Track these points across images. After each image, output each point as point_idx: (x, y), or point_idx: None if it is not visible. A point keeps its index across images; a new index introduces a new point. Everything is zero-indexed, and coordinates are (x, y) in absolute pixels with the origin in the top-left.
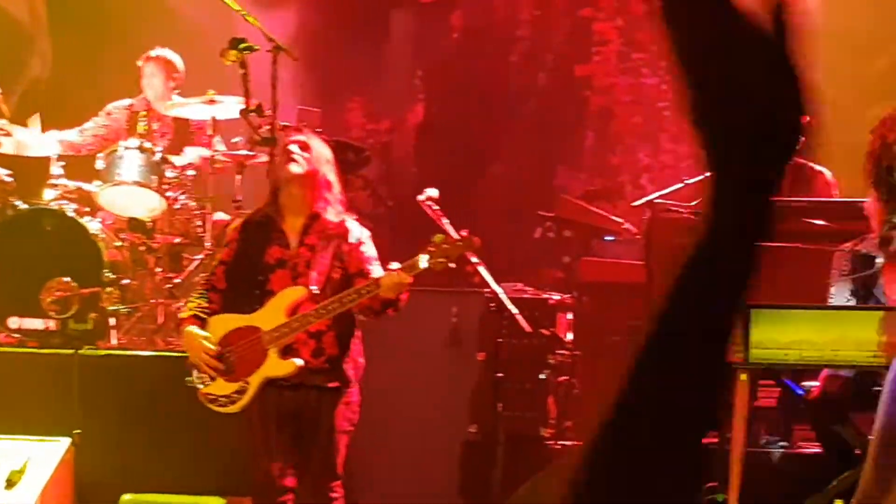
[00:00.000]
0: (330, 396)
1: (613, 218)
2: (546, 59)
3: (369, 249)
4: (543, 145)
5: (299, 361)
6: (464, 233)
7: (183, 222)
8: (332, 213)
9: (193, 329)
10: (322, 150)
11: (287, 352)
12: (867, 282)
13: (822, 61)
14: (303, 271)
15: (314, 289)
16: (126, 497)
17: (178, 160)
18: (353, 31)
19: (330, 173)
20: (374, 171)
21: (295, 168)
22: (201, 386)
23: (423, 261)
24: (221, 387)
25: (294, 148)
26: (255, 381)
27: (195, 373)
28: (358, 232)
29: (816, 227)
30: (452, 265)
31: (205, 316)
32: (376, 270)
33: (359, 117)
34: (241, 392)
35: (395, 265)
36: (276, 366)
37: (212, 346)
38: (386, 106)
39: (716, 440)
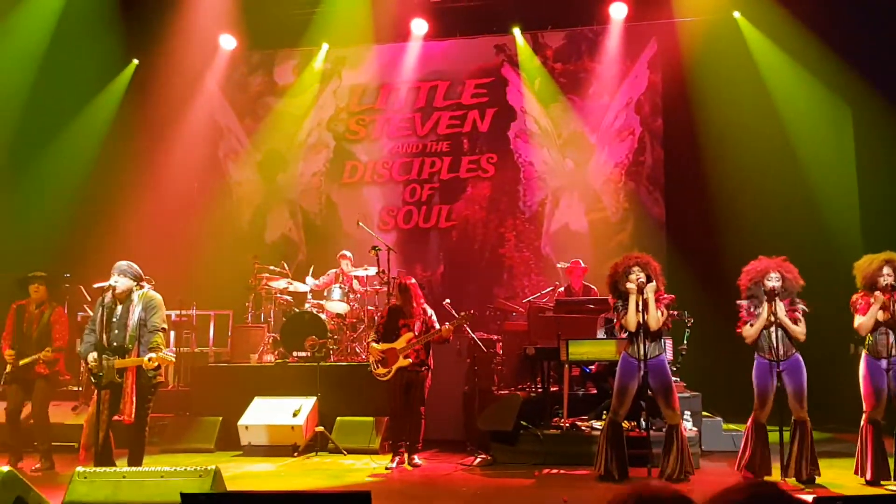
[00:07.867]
0: (423, 375)
1: (516, 306)
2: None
3: (434, 317)
4: (492, 282)
5: (410, 360)
6: (471, 311)
7: (356, 314)
8: (424, 309)
9: (376, 346)
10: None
11: (406, 357)
12: (610, 329)
13: None
14: (412, 327)
15: (416, 333)
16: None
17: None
18: None
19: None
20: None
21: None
22: (373, 369)
23: (456, 323)
24: (381, 371)
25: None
26: (394, 368)
27: (372, 365)
28: (430, 312)
29: (593, 307)
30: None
31: (377, 342)
32: (437, 325)
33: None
34: (388, 372)
35: (447, 324)
36: (402, 362)
37: (380, 352)
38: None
39: (555, 388)
